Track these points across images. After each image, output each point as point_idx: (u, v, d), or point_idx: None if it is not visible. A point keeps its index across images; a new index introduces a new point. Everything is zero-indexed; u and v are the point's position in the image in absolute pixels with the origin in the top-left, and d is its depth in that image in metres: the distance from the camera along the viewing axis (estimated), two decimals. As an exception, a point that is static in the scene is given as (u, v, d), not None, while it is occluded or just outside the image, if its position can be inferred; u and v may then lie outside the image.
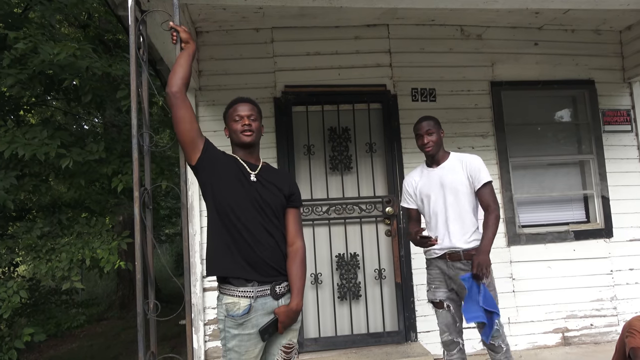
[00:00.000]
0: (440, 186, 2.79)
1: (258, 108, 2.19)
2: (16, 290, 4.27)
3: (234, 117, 2.12)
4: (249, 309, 1.96)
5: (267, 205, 2.05)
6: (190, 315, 2.31)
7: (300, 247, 2.10)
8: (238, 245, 1.99)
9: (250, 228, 2.00)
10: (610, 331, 4.21)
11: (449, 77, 4.24)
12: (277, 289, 2.02)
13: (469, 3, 2.67)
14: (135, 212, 2.11)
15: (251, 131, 2.10)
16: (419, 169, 2.98)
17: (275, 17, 3.88)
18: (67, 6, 5.54)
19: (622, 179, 4.40)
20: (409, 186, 2.97)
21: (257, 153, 2.19)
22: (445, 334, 2.82)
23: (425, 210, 2.88)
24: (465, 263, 2.71)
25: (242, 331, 1.96)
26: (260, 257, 1.99)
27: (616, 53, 4.56)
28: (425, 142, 2.80)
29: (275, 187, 2.10)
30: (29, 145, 4.11)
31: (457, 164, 2.82)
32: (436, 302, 2.83)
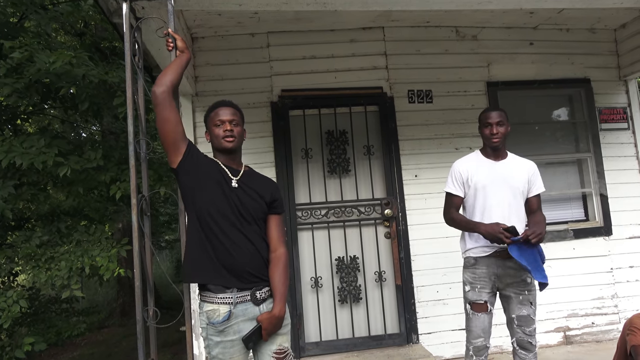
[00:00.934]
0: (503, 181, 2.69)
1: (240, 112, 2.16)
2: (16, 300, 4.25)
3: (215, 121, 2.08)
4: (229, 316, 1.93)
5: (247, 211, 2.02)
6: (190, 322, 2.30)
7: (282, 253, 2.08)
8: (217, 251, 1.95)
9: (229, 234, 1.97)
10: (611, 329, 4.20)
11: (445, 78, 4.25)
12: (257, 295, 1.99)
13: (463, 4, 2.68)
14: (133, 219, 2.11)
15: (233, 137, 2.06)
16: (474, 158, 2.82)
17: (271, 22, 3.89)
18: (62, 15, 5.56)
19: (620, 177, 4.41)
20: (463, 172, 2.77)
21: (239, 158, 2.16)
22: (480, 339, 2.67)
23: (475, 201, 2.72)
24: (516, 262, 2.57)
25: (224, 338, 1.94)
26: (239, 264, 1.96)
27: (611, 51, 4.57)
28: (494, 132, 2.68)
29: (257, 193, 2.07)
30: (27, 154, 4.10)
31: (521, 165, 2.77)
32: (480, 303, 2.66)
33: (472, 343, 2.69)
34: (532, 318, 2.65)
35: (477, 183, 2.71)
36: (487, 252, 2.68)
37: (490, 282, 2.68)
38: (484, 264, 2.68)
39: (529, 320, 2.65)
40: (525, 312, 2.64)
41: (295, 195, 3.98)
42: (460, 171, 2.79)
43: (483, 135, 2.77)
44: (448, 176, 2.86)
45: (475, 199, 2.72)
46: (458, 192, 2.79)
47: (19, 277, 5.91)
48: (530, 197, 2.76)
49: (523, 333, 2.64)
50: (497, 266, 2.66)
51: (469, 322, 2.72)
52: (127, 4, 2.26)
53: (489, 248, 2.66)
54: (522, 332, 2.64)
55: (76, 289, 4.42)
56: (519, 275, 2.66)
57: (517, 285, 2.66)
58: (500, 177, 2.70)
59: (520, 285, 2.66)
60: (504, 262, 2.65)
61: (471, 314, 2.70)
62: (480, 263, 2.69)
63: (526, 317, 2.64)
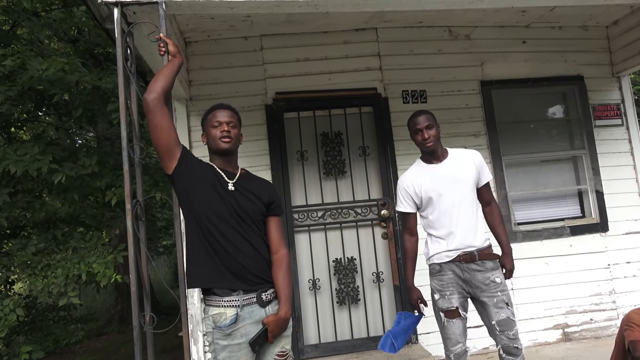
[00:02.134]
0: (452, 181, 2.65)
1: (238, 115, 2.16)
2: (13, 309, 4.23)
3: (212, 122, 2.08)
4: (236, 319, 1.94)
5: (246, 214, 2.02)
6: (187, 327, 2.29)
7: (284, 254, 2.09)
8: (219, 255, 1.95)
9: (230, 238, 1.97)
10: (610, 325, 4.21)
11: (439, 78, 4.26)
12: (263, 297, 2.00)
13: (454, 3, 2.68)
14: (128, 225, 2.10)
15: (230, 138, 2.06)
16: (415, 168, 2.79)
17: (264, 25, 3.89)
18: (55, 21, 5.54)
19: (615, 173, 4.42)
20: (408, 187, 2.73)
21: (235, 161, 2.16)
22: (459, 345, 2.62)
23: (432, 209, 2.68)
24: (479, 264, 2.59)
25: (231, 341, 1.93)
26: (243, 266, 1.97)
27: (604, 48, 4.59)
28: (426, 137, 2.63)
29: (254, 195, 2.07)
30: (21, 162, 4.09)
31: (464, 158, 2.72)
32: (452, 310, 2.60)
33: (452, 351, 2.64)
34: (512, 320, 2.56)
35: (427, 192, 2.67)
36: (450, 257, 2.63)
37: (459, 286, 2.62)
38: (449, 269, 2.63)
39: (510, 322, 2.55)
40: (504, 315, 2.55)
41: (291, 198, 3.98)
42: (406, 187, 2.76)
43: (416, 142, 2.73)
44: (397, 195, 2.83)
45: (431, 208, 2.69)
46: (408, 208, 2.76)
47: (16, 286, 5.88)
48: (481, 187, 2.73)
49: (507, 339, 2.55)
50: (463, 270, 2.61)
51: (444, 330, 2.66)
52: (118, 9, 2.26)
53: (453, 252, 2.62)
54: (506, 338, 2.55)
55: (73, 296, 4.40)
56: (486, 277, 2.59)
57: (488, 289, 2.58)
58: (446, 178, 2.66)
59: (491, 288, 2.58)
60: (468, 266, 2.60)
61: (445, 322, 2.63)
62: (445, 269, 2.64)
63: (506, 320, 2.55)
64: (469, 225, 2.63)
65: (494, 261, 2.65)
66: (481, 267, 2.59)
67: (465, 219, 2.63)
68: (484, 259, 2.62)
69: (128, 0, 2.26)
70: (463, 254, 2.61)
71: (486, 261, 2.62)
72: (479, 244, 2.63)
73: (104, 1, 2.25)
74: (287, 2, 2.36)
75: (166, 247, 14.06)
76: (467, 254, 2.60)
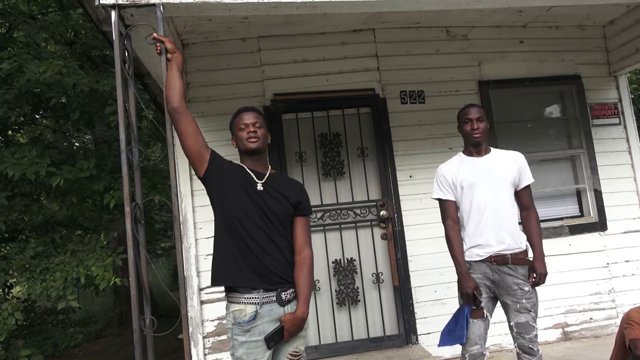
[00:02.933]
0: (489, 175, 2.61)
1: (263, 116, 2.23)
2: (11, 312, 4.22)
3: (239, 125, 2.15)
4: (255, 316, 1.98)
5: (273, 214, 2.06)
6: (187, 330, 2.28)
7: (308, 255, 2.11)
8: (244, 254, 2.01)
9: (256, 237, 2.02)
10: (609, 324, 4.21)
11: (437, 78, 4.26)
12: (282, 296, 2.03)
13: (452, 4, 2.68)
14: (127, 228, 2.09)
15: (257, 137, 2.12)
16: (455, 159, 2.77)
17: (261, 26, 3.89)
18: (52, 24, 5.53)
19: (613, 172, 4.43)
20: (447, 174, 2.70)
21: (264, 160, 2.21)
22: (477, 346, 2.58)
23: (464, 201, 2.64)
24: (512, 268, 2.55)
25: (249, 338, 1.97)
26: (265, 266, 2.01)
27: (601, 47, 4.60)
28: (475, 128, 2.62)
29: (282, 195, 2.11)
30: (19, 165, 4.08)
31: (506, 157, 2.70)
32: (476, 309, 2.57)
33: (468, 351, 2.60)
34: (531, 325, 2.57)
35: (463, 182, 2.64)
36: (481, 257, 2.60)
37: (486, 287, 2.60)
38: (479, 269, 2.60)
39: (528, 327, 2.57)
40: (523, 319, 2.56)
41: (290, 199, 3.97)
42: (444, 174, 2.73)
43: (464, 132, 2.72)
44: (434, 183, 2.79)
45: (463, 198, 2.65)
46: (448, 195, 2.70)
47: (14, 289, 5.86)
48: (521, 189, 2.69)
49: (523, 339, 2.58)
50: (493, 271, 2.59)
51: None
52: (115, 12, 2.25)
53: (484, 252, 2.59)
54: (522, 339, 2.58)
55: (72, 299, 4.39)
56: (516, 282, 2.56)
57: (514, 294, 2.57)
58: (485, 172, 2.64)
59: (517, 294, 2.57)
60: (499, 268, 2.57)
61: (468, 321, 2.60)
62: (475, 268, 2.61)
63: (524, 324, 2.56)
64: (503, 225, 2.58)
65: (526, 267, 2.60)
66: (513, 272, 2.55)
67: (499, 218, 2.58)
68: (517, 264, 2.57)
69: (125, 3, 2.25)
70: (495, 255, 2.56)
71: (518, 266, 2.58)
72: (514, 246, 2.58)
73: (101, 3, 2.24)
74: (284, 4, 2.36)
75: (164, 250, 14.04)
76: (499, 256, 2.56)
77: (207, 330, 3.75)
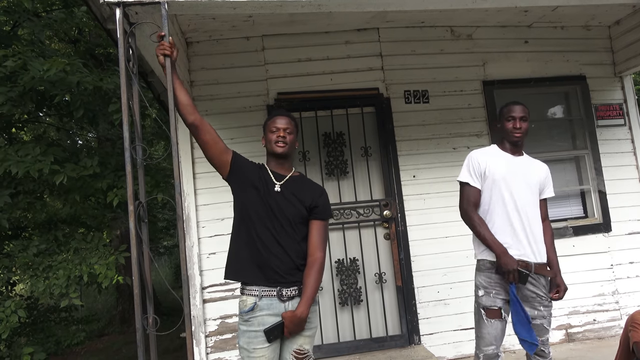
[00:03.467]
0: (523, 175, 2.58)
1: (295, 123, 2.32)
2: (14, 310, 4.23)
3: (271, 128, 2.26)
4: (254, 307, 2.09)
5: (283, 215, 2.14)
6: (190, 328, 2.28)
7: (318, 258, 2.15)
8: (251, 251, 2.13)
9: (262, 235, 2.13)
10: (613, 326, 4.19)
11: (441, 78, 4.24)
12: (283, 292, 2.11)
13: (457, 3, 2.67)
14: (131, 226, 2.08)
15: (285, 143, 2.22)
16: (491, 150, 2.68)
17: (265, 25, 3.88)
18: (56, 22, 5.53)
19: (618, 173, 4.41)
20: (481, 162, 2.60)
21: (289, 164, 2.31)
22: (492, 347, 2.53)
23: (492, 193, 2.56)
24: (535, 277, 2.51)
25: (249, 328, 2.09)
26: (268, 264, 2.11)
27: (606, 48, 4.58)
28: (517, 127, 2.56)
29: (297, 198, 2.18)
30: (22, 163, 4.08)
31: (537, 165, 2.67)
32: (494, 309, 2.52)
33: (483, 351, 2.55)
34: (545, 328, 2.56)
35: (495, 174, 2.56)
36: None
37: (505, 288, 2.53)
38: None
39: (542, 329, 2.54)
40: (538, 322, 2.55)
41: (293, 199, 3.96)
42: (479, 161, 2.61)
43: (505, 129, 2.63)
44: (464, 166, 2.68)
45: (493, 191, 2.56)
46: (475, 183, 2.60)
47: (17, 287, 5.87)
48: (540, 199, 2.66)
49: None
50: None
51: (480, 329, 2.57)
52: (120, 9, 2.24)
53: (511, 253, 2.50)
54: None
55: (75, 297, 4.40)
56: (536, 291, 2.54)
57: (533, 301, 2.54)
58: (519, 171, 2.59)
59: (535, 302, 2.55)
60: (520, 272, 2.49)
61: (484, 320, 2.54)
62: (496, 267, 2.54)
63: (539, 326, 2.54)
64: (532, 231, 2.55)
65: (546, 278, 2.58)
66: (535, 281, 2.52)
67: (530, 223, 2.54)
68: (539, 273, 2.54)
69: (130, 1, 2.24)
70: (520, 261, 2.49)
71: (541, 277, 2.55)
72: (538, 257, 2.55)
73: (106, 1, 2.24)
74: (289, 2, 2.35)
75: (167, 248, 14.05)
76: (524, 262, 2.50)
77: (210, 329, 3.75)
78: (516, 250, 2.51)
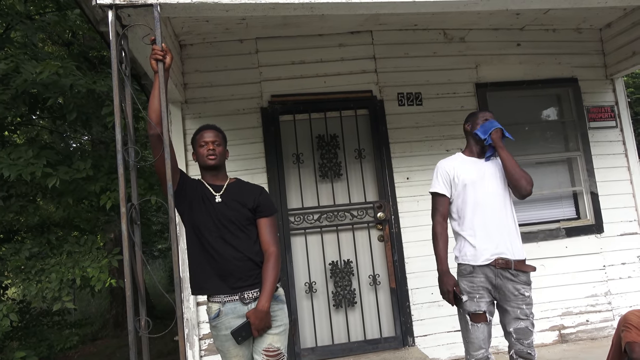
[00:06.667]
0: (492, 175, 2.65)
1: (222, 134, 2.42)
2: (6, 314, 4.19)
3: (200, 142, 2.36)
4: (219, 313, 2.23)
5: (231, 222, 2.26)
6: (183, 331, 2.27)
7: (272, 252, 2.27)
8: (209, 262, 2.24)
9: (215, 246, 2.23)
10: (606, 326, 4.22)
11: (434, 80, 4.26)
12: (245, 295, 2.23)
13: (449, 6, 2.68)
14: (123, 229, 2.08)
15: (215, 155, 2.33)
16: (457, 157, 2.77)
17: (259, 28, 3.89)
18: (49, 25, 5.51)
19: (610, 175, 4.44)
20: (449, 169, 2.68)
21: (223, 174, 2.41)
22: (482, 350, 2.56)
23: (466, 197, 2.62)
24: (513, 274, 2.55)
25: (218, 332, 2.24)
26: (227, 271, 2.22)
27: (597, 51, 4.62)
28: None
29: (239, 203, 2.30)
30: (14, 166, 4.05)
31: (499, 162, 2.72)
32: (479, 313, 2.54)
33: (473, 356, 2.58)
34: (530, 330, 2.57)
35: (465, 179, 2.63)
36: (489, 260, 2.56)
37: (488, 291, 2.58)
38: (482, 272, 2.57)
39: (527, 332, 2.56)
40: (523, 324, 2.56)
41: (287, 201, 3.97)
42: (447, 169, 2.70)
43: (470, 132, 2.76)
44: (433, 176, 2.77)
45: (466, 195, 2.63)
46: (445, 191, 2.68)
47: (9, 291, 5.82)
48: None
49: (522, 345, 2.56)
50: (495, 276, 2.57)
51: (468, 334, 2.59)
52: (112, 12, 2.24)
53: (490, 255, 2.56)
54: (520, 344, 2.57)
55: (67, 300, 4.36)
56: (517, 288, 2.56)
57: (515, 299, 2.56)
58: (487, 171, 2.67)
59: (518, 300, 2.57)
60: (502, 272, 2.56)
61: (470, 325, 2.56)
62: (478, 271, 2.57)
63: (524, 329, 2.56)
64: (507, 229, 2.60)
65: (526, 274, 2.61)
66: (514, 278, 2.56)
67: (502, 220, 2.60)
68: (519, 270, 2.57)
69: (122, 3, 2.24)
70: (500, 259, 2.55)
71: (520, 273, 2.58)
72: (516, 253, 2.59)
73: (98, 3, 2.23)
74: (282, 5, 2.35)
75: (161, 251, 14.00)
76: (504, 260, 2.55)
77: (203, 332, 3.74)
78: (495, 249, 2.56)
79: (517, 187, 2.62)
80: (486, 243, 2.58)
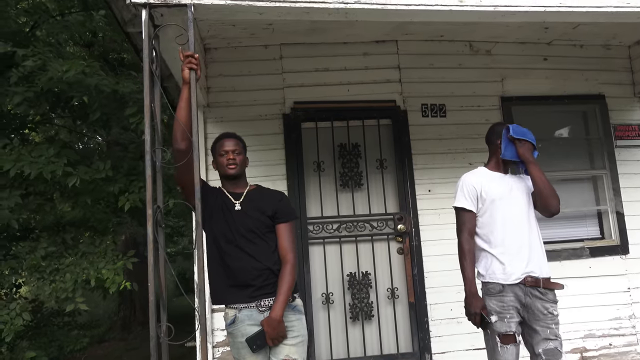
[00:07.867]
0: (518, 190, 2.59)
1: (242, 142, 2.41)
2: (19, 312, 4.17)
3: (220, 152, 2.35)
4: (235, 319, 2.22)
5: (250, 230, 2.25)
6: (205, 340, 2.21)
7: (289, 259, 2.25)
8: (227, 271, 2.24)
9: (233, 255, 2.23)
10: (629, 351, 4.09)
11: (459, 92, 4.20)
12: (262, 302, 2.22)
13: (485, 16, 2.64)
14: (149, 231, 2.04)
15: (235, 164, 2.32)
16: (483, 171, 2.70)
17: (285, 33, 3.87)
18: (73, 25, 5.55)
19: (637, 194, 4.32)
20: (476, 185, 2.59)
21: (243, 182, 2.40)
22: None
23: (494, 213, 2.54)
24: (542, 292, 2.49)
25: (235, 339, 2.24)
26: (246, 282, 2.21)
27: (626, 68, 4.53)
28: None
29: (259, 211, 2.29)
30: (35, 164, 4.06)
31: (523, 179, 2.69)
32: (510, 334, 2.46)
33: None
34: (559, 351, 2.48)
35: (493, 194, 2.55)
36: (519, 279, 2.49)
37: (517, 310, 2.50)
38: (512, 291, 2.49)
39: (557, 353, 2.47)
40: (552, 345, 2.47)
41: (306, 209, 3.91)
42: (474, 184, 2.61)
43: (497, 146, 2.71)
44: (457, 191, 2.68)
45: (494, 211, 2.55)
46: (472, 206, 2.59)
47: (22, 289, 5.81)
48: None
49: None
50: (525, 294, 2.50)
51: (496, 356, 2.48)
52: (146, 11, 2.22)
53: (520, 274, 2.49)
54: None
55: (80, 301, 4.33)
56: (545, 306, 2.49)
57: (545, 319, 2.49)
58: (514, 187, 2.62)
59: (547, 319, 2.49)
60: (531, 291, 2.49)
61: (499, 347, 2.46)
62: (508, 290, 2.49)
63: (553, 350, 2.47)
64: (535, 246, 2.55)
65: (554, 293, 2.55)
66: (543, 296, 2.50)
67: (530, 237, 2.54)
68: (547, 288, 2.51)
69: (157, 2, 2.22)
70: (529, 277, 2.49)
71: (548, 291, 2.52)
72: (544, 271, 2.54)
73: (132, 2, 2.22)
74: (317, 9, 2.32)
75: (170, 255, 14.00)
76: (533, 278, 2.49)
77: (217, 340, 3.68)
78: (525, 267, 2.49)
79: (547, 206, 2.56)
80: (517, 261, 2.51)
